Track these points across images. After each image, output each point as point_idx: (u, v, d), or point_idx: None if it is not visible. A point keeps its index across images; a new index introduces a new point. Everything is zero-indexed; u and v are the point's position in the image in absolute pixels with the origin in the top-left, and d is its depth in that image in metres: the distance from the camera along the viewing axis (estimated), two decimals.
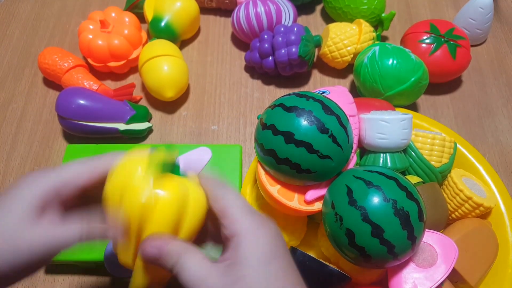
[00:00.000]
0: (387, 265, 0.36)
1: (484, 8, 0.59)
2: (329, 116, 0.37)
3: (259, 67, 0.60)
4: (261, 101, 0.60)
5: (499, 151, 0.55)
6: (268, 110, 0.39)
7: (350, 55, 0.57)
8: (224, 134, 0.57)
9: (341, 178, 0.38)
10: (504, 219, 0.44)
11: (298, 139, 0.36)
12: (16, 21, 0.69)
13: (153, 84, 0.55)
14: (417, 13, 0.69)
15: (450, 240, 0.38)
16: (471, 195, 0.42)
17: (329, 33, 0.57)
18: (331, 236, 0.37)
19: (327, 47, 0.58)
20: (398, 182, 0.35)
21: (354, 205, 0.34)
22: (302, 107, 0.37)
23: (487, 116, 0.58)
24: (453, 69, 0.56)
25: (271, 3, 0.60)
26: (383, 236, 0.33)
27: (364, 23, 0.57)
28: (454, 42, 0.55)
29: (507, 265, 0.42)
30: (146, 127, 0.55)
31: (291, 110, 0.37)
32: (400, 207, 0.33)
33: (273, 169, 0.38)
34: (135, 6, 0.65)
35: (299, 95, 0.39)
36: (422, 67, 0.51)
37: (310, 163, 0.36)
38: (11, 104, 0.60)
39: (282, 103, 0.38)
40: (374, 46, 0.53)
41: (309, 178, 0.38)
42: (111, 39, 0.58)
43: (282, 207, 0.39)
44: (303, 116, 0.36)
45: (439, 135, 0.46)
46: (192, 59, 0.64)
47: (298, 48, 0.54)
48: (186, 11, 0.61)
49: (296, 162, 0.36)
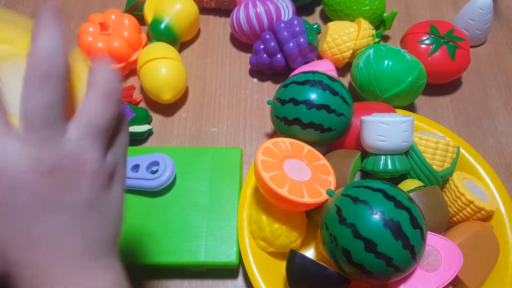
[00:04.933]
0: (392, 279, 0.35)
1: (484, 9, 0.59)
2: (334, 83, 0.45)
3: (268, 68, 0.60)
4: (261, 102, 0.60)
5: (499, 152, 0.55)
6: (282, 89, 0.47)
7: (349, 51, 0.57)
8: (224, 136, 0.57)
9: (332, 198, 0.38)
10: (504, 220, 0.44)
11: (317, 103, 0.44)
12: None
13: (150, 86, 0.55)
14: (416, 14, 0.69)
15: (456, 247, 0.38)
16: (472, 199, 0.42)
17: (328, 30, 0.58)
18: (331, 257, 0.38)
19: (326, 44, 0.58)
20: (385, 193, 0.35)
21: (344, 223, 0.35)
22: (312, 79, 0.45)
23: (487, 117, 0.58)
24: (452, 70, 0.56)
25: (270, 3, 0.60)
26: (377, 250, 0.33)
27: (363, 21, 0.58)
28: (453, 44, 0.55)
29: (507, 267, 0.42)
30: (146, 130, 0.55)
31: (305, 83, 0.45)
32: (389, 218, 0.33)
33: (299, 135, 0.45)
34: (135, 8, 0.65)
35: (305, 72, 0.47)
36: (418, 67, 0.51)
37: (331, 122, 0.44)
38: None
39: (294, 80, 0.46)
40: (369, 49, 0.53)
41: (331, 136, 0.45)
42: (111, 42, 0.58)
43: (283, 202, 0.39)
44: (316, 85, 0.44)
45: (443, 139, 0.45)
46: (191, 61, 0.64)
47: (305, 36, 0.56)
48: (186, 13, 0.61)
49: (320, 123, 0.44)
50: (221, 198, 0.47)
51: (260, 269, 0.42)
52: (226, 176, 0.49)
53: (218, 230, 0.45)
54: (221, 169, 0.49)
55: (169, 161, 0.47)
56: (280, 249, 0.43)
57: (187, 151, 0.51)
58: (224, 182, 0.48)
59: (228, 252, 0.44)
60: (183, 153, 0.50)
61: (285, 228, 0.42)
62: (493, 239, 0.42)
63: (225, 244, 0.44)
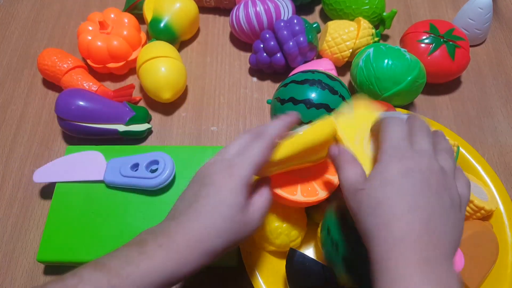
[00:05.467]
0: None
1: (483, 8, 0.60)
2: (334, 82, 0.45)
3: (267, 67, 0.60)
4: (260, 101, 0.60)
5: (498, 152, 0.55)
6: (281, 88, 0.47)
7: (349, 50, 0.57)
8: (223, 135, 0.57)
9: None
10: (503, 219, 0.44)
11: (317, 102, 0.43)
12: (15, 22, 0.69)
13: (150, 85, 0.55)
14: (416, 14, 0.69)
15: (458, 249, 0.38)
16: (472, 199, 0.42)
17: (328, 29, 0.58)
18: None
19: (326, 43, 0.58)
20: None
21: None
22: (311, 78, 0.45)
23: (486, 116, 0.58)
24: (452, 70, 0.56)
25: (270, 2, 0.60)
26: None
27: (363, 20, 0.58)
28: (453, 43, 0.55)
29: (506, 266, 0.42)
30: (145, 129, 0.55)
31: (304, 82, 0.45)
32: None
33: None
34: (135, 7, 0.65)
35: (304, 72, 0.46)
36: (418, 66, 0.51)
37: None
38: (11, 106, 0.60)
39: (293, 79, 0.46)
40: (369, 48, 0.53)
41: None
42: (110, 40, 0.58)
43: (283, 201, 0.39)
44: (315, 84, 0.44)
45: None
46: (191, 60, 0.64)
47: (305, 36, 0.56)
48: (185, 12, 0.61)
49: None
50: None
51: (259, 268, 0.42)
52: None
53: None
54: None
55: (169, 160, 0.47)
56: (280, 248, 0.43)
57: (187, 150, 0.51)
58: None
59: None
60: (183, 152, 0.50)
61: (285, 227, 0.42)
62: (493, 239, 0.42)
63: None
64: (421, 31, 0.57)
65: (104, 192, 0.48)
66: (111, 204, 0.47)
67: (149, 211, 0.46)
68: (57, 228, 0.45)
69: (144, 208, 0.46)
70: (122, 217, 0.46)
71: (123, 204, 0.47)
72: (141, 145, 0.56)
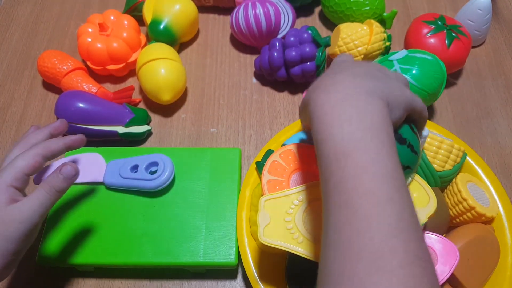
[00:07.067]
0: None
1: (483, 9, 0.60)
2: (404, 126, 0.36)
3: (268, 74, 0.59)
4: (260, 103, 0.60)
5: (497, 153, 0.55)
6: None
7: (361, 56, 0.57)
8: (223, 136, 0.57)
9: None
10: (503, 221, 0.44)
11: None
12: (15, 24, 0.69)
13: (150, 87, 0.55)
14: (415, 14, 0.69)
15: (451, 243, 0.38)
16: (474, 205, 0.42)
17: (340, 33, 0.57)
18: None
19: (337, 47, 0.58)
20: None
21: None
22: None
23: (485, 117, 0.58)
24: (443, 58, 0.54)
25: (270, 5, 0.59)
26: None
27: (375, 24, 0.57)
28: (455, 34, 0.55)
29: (506, 268, 0.42)
30: (145, 130, 0.55)
31: None
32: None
33: None
34: (134, 9, 0.65)
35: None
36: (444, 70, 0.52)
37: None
38: (11, 108, 0.60)
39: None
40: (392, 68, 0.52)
41: None
42: (110, 42, 0.58)
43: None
44: None
45: (448, 141, 0.45)
46: (191, 62, 0.64)
47: (315, 63, 0.55)
48: (185, 13, 0.61)
49: None
50: (220, 198, 0.47)
51: (259, 269, 0.42)
52: (225, 177, 0.49)
53: (217, 231, 0.45)
54: (220, 170, 0.49)
55: (168, 162, 0.47)
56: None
57: (186, 152, 0.51)
58: (223, 183, 0.48)
59: (227, 253, 0.44)
60: (182, 154, 0.50)
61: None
62: (494, 243, 0.42)
63: (224, 244, 0.44)
64: (431, 17, 0.58)
65: (104, 194, 0.48)
66: (111, 205, 0.47)
67: (148, 212, 0.46)
68: (56, 230, 0.45)
69: (143, 210, 0.46)
70: (121, 218, 0.46)
71: (123, 206, 0.47)
72: (140, 147, 0.56)
